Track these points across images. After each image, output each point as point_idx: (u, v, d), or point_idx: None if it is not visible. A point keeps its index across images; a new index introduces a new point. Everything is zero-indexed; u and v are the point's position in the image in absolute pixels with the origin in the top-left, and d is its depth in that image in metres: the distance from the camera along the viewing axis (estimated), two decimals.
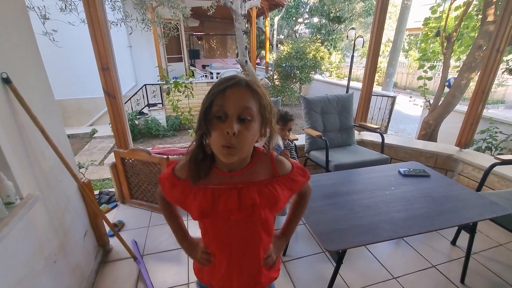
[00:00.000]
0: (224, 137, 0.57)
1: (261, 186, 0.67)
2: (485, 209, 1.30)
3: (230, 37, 12.79)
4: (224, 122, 0.57)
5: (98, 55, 1.97)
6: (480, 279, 1.63)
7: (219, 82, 0.60)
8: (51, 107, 1.41)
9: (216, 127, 0.58)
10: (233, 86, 0.58)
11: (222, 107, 0.57)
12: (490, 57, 2.21)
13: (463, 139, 2.49)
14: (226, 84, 0.58)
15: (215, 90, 0.58)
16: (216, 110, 0.58)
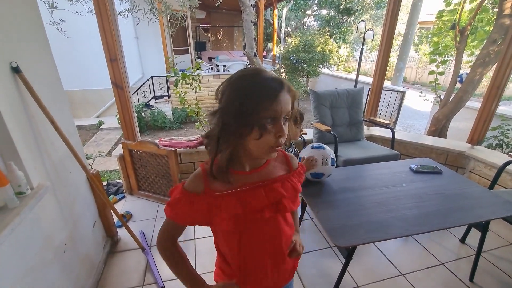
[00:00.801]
0: (276, 140, 0.59)
1: (283, 180, 0.69)
2: (499, 208, 1.26)
3: (236, 29, 12.65)
4: (274, 125, 0.58)
5: (106, 46, 1.96)
6: (489, 277, 1.60)
7: (263, 85, 0.58)
8: (61, 97, 1.41)
9: (267, 131, 0.58)
10: (282, 91, 0.59)
11: (275, 111, 0.58)
12: (508, 52, 2.13)
13: (476, 136, 2.43)
14: (277, 89, 0.58)
15: (265, 94, 0.57)
16: (268, 114, 0.57)
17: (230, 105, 0.58)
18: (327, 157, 1.37)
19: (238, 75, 0.61)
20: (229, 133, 0.60)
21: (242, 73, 0.62)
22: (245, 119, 0.57)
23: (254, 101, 0.57)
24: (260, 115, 0.57)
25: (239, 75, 0.61)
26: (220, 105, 0.61)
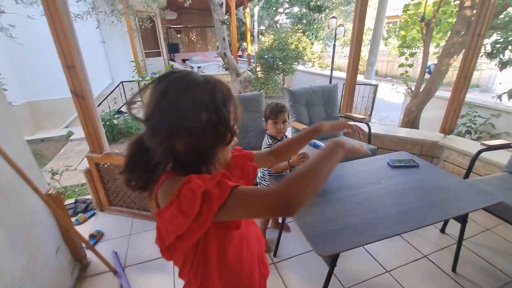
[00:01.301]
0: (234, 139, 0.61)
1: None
2: (477, 198, 1.27)
3: (210, 30, 12.41)
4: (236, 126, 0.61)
5: (61, 52, 1.79)
6: (470, 266, 1.63)
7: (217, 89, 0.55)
8: (4, 112, 1.24)
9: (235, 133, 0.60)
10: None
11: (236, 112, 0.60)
12: (472, 42, 2.19)
13: (447, 125, 2.50)
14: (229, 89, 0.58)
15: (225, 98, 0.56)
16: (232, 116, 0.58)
17: (194, 120, 0.52)
18: None
19: (176, 85, 0.53)
20: (199, 151, 0.55)
21: (181, 81, 0.53)
22: (219, 129, 0.54)
23: (224, 107, 0.54)
24: (229, 119, 0.56)
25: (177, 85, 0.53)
26: (174, 123, 0.52)
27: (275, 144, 1.55)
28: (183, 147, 0.53)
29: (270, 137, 1.58)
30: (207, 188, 0.47)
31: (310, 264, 1.68)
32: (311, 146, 1.44)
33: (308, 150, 1.42)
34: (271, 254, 1.76)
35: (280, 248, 1.77)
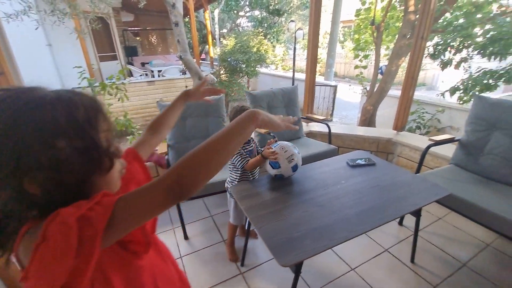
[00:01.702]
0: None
1: None
2: (429, 192, 1.34)
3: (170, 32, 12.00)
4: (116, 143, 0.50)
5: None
6: (427, 255, 1.72)
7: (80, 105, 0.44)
8: None
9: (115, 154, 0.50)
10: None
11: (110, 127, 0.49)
12: (416, 45, 2.36)
13: (399, 122, 2.66)
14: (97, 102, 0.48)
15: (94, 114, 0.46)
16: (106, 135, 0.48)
17: (46, 152, 0.39)
18: (291, 154, 1.41)
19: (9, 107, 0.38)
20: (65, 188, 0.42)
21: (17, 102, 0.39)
22: (90, 155, 0.43)
23: (91, 129, 0.43)
24: (99, 140, 0.44)
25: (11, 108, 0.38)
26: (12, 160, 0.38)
27: (242, 148, 1.50)
28: (35, 188, 0.40)
29: None
30: (81, 213, 0.37)
31: (278, 270, 1.64)
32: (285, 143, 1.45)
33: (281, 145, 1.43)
34: (238, 264, 1.69)
35: (247, 256, 1.71)
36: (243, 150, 1.53)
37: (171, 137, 2.10)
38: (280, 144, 1.46)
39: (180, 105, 0.82)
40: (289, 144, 1.47)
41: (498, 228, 1.42)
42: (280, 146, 1.44)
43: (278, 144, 1.46)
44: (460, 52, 3.29)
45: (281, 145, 1.45)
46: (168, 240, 1.93)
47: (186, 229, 1.95)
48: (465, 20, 3.32)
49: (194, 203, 2.33)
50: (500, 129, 1.78)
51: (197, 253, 1.81)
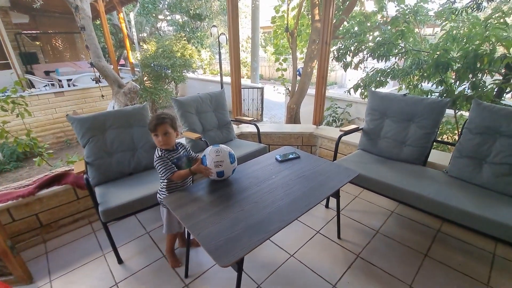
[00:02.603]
0: None
1: None
2: (343, 175, 1.56)
3: (79, 36, 10.55)
4: None
5: None
6: (349, 230, 2.00)
7: None
8: None
9: None
10: None
11: None
12: (322, 49, 2.70)
13: (317, 118, 3.00)
14: None
15: None
16: None
17: None
18: (218, 161, 1.43)
19: None
20: None
21: None
22: None
23: None
24: None
25: None
26: None
27: (166, 155, 1.45)
28: None
29: (159, 149, 1.46)
30: None
31: (223, 272, 1.66)
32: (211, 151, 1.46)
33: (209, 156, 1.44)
34: (182, 277, 1.64)
35: (191, 266, 1.68)
36: (169, 158, 1.46)
37: (89, 153, 1.88)
38: (218, 148, 1.47)
39: None
40: (226, 148, 1.49)
41: (398, 197, 1.76)
42: (216, 149, 1.46)
43: (215, 147, 1.48)
44: (357, 55, 3.89)
45: (217, 149, 1.46)
46: (98, 268, 1.73)
47: (119, 252, 1.78)
48: (358, 28, 3.95)
49: (126, 222, 2.14)
50: (390, 116, 2.20)
51: (135, 275, 1.68)
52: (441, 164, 2.15)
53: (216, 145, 1.50)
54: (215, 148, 1.46)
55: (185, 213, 1.25)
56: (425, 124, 2.03)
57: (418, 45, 3.66)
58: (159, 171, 1.44)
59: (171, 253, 1.75)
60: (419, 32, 4.29)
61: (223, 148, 1.49)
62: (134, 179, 1.93)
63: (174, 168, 1.44)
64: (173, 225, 1.62)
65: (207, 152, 1.47)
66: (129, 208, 1.66)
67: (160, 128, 1.41)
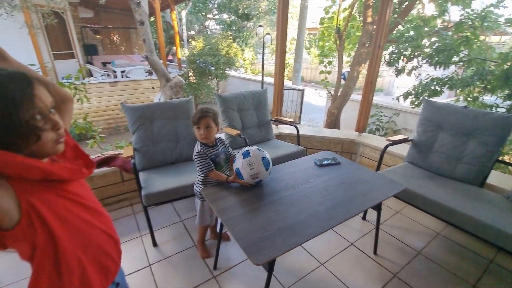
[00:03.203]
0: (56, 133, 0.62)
1: None
2: (387, 188, 1.46)
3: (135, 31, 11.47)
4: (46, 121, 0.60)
5: None
6: (387, 246, 1.87)
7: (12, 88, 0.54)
8: None
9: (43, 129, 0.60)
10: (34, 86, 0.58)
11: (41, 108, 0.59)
12: (374, 53, 2.56)
13: (361, 124, 2.85)
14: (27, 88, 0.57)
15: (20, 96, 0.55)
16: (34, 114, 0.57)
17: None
18: (257, 173, 1.37)
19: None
20: None
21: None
22: (12, 131, 0.54)
23: (14, 108, 0.53)
24: (27, 119, 0.54)
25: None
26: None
27: (205, 151, 1.48)
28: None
29: (200, 143, 1.50)
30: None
31: (252, 270, 1.65)
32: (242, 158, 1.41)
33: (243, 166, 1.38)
34: (211, 268, 1.67)
35: (220, 259, 1.70)
36: (207, 153, 1.48)
37: (137, 140, 2.02)
38: (249, 158, 1.37)
39: None
40: (257, 154, 1.38)
41: (446, 218, 1.59)
42: (248, 161, 1.36)
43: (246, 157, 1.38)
44: (411, 61, 3.63)
45: (249, 160, 1.36)
46: (135, 248, 1.85)
47: (155, 235, 1.88)
48: (414, 32, 3.68)
49: (164, 208, 2.25)
50: (445, 129, 2.00)
51: (167, 259, 1.76)
52: (501, 187, 1.91)
53: (246, 153, 1.39)
54: (246, 160, 1.36)
55: (221, 206, 1.27)
56: (488, 141, 1.80)
57: (484, 53, 3.29)
58: (197, 166, 1.48)
59: (202, 244, 1.79)
60: (485, 39, 3.86)
61: (255, 154, 1.37)
62: (174, 169, 2.03)
63: (212, 166, 1.47)
64: (205, 217, 1.66)
65: (239, 165, 1.38)
66: (168, 195, 1.74)
67: (203, 122, 1.45)
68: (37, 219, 0.57)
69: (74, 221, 0.66)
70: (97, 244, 0.72)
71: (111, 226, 0.80)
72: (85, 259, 0.67)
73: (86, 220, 0.70)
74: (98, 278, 0.71)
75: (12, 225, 0.53)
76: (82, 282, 0.66)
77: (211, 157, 1.49)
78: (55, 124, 0.60)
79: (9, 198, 0.53)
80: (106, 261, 0.74)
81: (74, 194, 0.69)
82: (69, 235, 0.63)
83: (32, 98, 0.55)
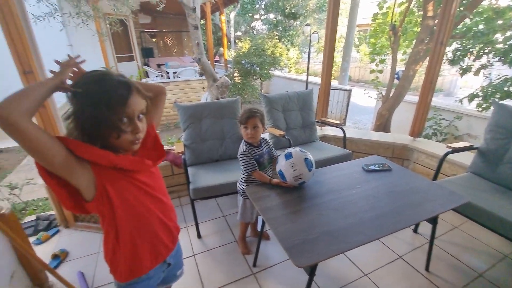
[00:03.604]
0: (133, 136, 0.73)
1: None
2: (446, 200, 1.32)
3: (186, 34, 12.23)
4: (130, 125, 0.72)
5: (16, 56, 1.64)
6: (442, 264, 1.69)
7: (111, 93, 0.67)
8: None
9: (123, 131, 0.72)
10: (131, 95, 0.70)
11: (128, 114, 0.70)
12: (435, 50, 2.33)
13: (416, 128, 2.62)
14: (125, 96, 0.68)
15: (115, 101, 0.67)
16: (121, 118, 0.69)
17: (83, 112, 0.65)
18: (299, 174, 1.35)
19: (85, 80, 0.67)
20: (89, 137, 0.67)
21: (90, 77, 0.67)
22: (100, 125, 0.65)
23: (106, 109, 0.64)
24: (114, 120, 0.66)
25: (86, 79, 0.67)
26: (74, 109, 0.67)
27: (250, 151, 1.52)
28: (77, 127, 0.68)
29: (245, 143, 1.55)
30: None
31: (291, 271, 1.65)
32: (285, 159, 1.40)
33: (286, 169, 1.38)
34: (250, 265, 1.71)
35: (259, 257, 1.73)
36: (252, 153, 1.51)
37: (187, 137, 2.16)
38: (292, 160, 1.36)
39: None
40: (300, 156, 1.36)
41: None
42: (290, 163, 1.35)
43: (288, 159, 1.37)
44: (479, 59, 3.21)
45: (291, 162, 1.35)
46: (181, 238, 1.97)
47: (200, 228, 1.99)
48: (485, 26, 3.24)
49: (208, 203, 2.37)
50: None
51: (209, 252, 1.85)
52: None
53: (288, 154, 1.38)
54: (289, 162, 1.35)
55: (264, 206, 1.29)
56: None
57: None
58: (241, 165, 1.52)
59: (243, 240, 1.85)
60: None
61: (298, 156, 1.36)
62: (219, 166, 2.12)
63: (255, 166, 1.50)
64: (247, 215, 1.70)
65: (282, 167, 1.38)
66: (212, 191, 1.83)
67: (251, 122, 1.48)
68: (106, 198, 0.71)
69: (136, 206, 0.78)
70: (152, 229, 0.83)
71: (169, 216, 0.90)
72: (138, 238, 0.79)
73: (147, 207, 0.80)
74: (149, 256, 0.83)
75: (90, 198, 0.69)
76: (134, 258, 0.80)
77: (255, 157, 1.52)
78: (136, 128, 0.71)
79: (88, 178, 0.68)
80: (158, 245, 0.86)
81: (142, 183, 0.80)
82: (127, 217, 0.76)
83: (124, 105, 0.67)
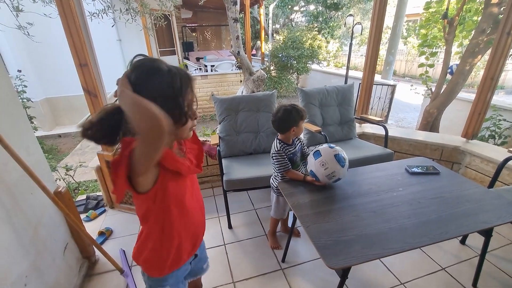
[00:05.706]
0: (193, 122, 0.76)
1: None
2: (504, 211, 1.16)
3: (224, 28, 12.44)
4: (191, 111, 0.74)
5: (74, 50, 1.80)
6: (493, 281, 1.52)
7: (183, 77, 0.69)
8: (13, 111, 1.24)
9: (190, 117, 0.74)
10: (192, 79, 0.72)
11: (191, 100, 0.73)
12: (500, 41, 2.04)
13: (470, 129, 2.35)
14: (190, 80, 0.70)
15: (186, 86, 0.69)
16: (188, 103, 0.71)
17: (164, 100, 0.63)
18: (332, 172, 1.29)
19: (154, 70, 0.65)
20: None
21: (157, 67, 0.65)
22: (180, 111, 0.68)
23: (183, 94, 0.68)
24: (185, 105, 0.69)
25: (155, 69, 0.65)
26: None
27: (284, 150, 1.49)
28: None
29: (279, 141, 1.52)
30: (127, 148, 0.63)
31: (320, 271, 1.61)
32: (315, 159, 1.34)
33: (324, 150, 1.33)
34: (279, 260, 1.71)
35: (288, 253, 1.72)
36: (285, 152, 1.48)
37: (222, 129, 2.20)
38: (321, 158, 1.30)
39: None
40: (329, 152, 1.30)
41: None
42: (320, 162, 1.29)
43: (317, 157, 1.32)
44: None
45: (321, 160, 1.29)
46: (213, 227, 2.04)
47: (231, 218, 2.03)
48: None
49: (239, 195, 2.40)
50: None
51: (239, 242, 1.88)
52: None
53: (317, 153, 1.32)
54: (318, 161, 1.29)
55: (297, 202, 1.27)
56: None
57: None
58: (275, 164, 1.50)
59: (273, 235, 1.84)
60: None
61: (327, 153, 1.30)
62: (252, 159, 2.12)
63: (289, 165, 1.47)
64: (279, 211, 1.69)
65: (313, 167, 1.33)
66: (245, 184, 1.84)
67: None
68: (161, 196, 0.72)
69: (188, 206, 0.82)
70: (195, 226, 0.89)
71: (203, 210, 0.95)
72: (184, 235, 0.83)
73: (194, 207, 0.87)
74: (188, 250, 0.87)
75: (144, 191, 0.69)
76: (177, 251, 0.83)
77: (289, 156, 1.49)
78: (194, 113, 0.74)
79: (153, 177, 0.68)
80: (196, 239, 0.91)
81: (191, 186, 0.85)
82: (180, 215, 0.80)
83: (190, 91, 0.70)
